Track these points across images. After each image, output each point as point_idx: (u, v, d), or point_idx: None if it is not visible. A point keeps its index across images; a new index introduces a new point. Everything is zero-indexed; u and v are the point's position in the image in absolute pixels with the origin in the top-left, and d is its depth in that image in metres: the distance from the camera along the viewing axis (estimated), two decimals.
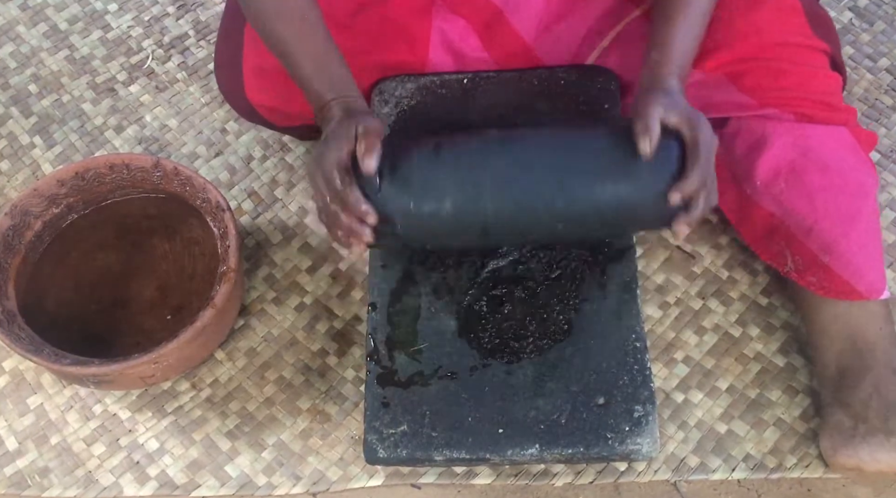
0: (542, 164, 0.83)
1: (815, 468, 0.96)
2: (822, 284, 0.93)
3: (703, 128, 0.80)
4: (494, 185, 0.83)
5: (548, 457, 0.88)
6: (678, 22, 0.87)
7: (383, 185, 0.83)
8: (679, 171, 0.80)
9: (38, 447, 1.02)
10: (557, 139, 0.86)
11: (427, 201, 0.83)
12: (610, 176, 0.82)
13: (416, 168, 0.84)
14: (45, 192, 1.05)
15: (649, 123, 0.79)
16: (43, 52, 1.32)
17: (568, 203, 0.83)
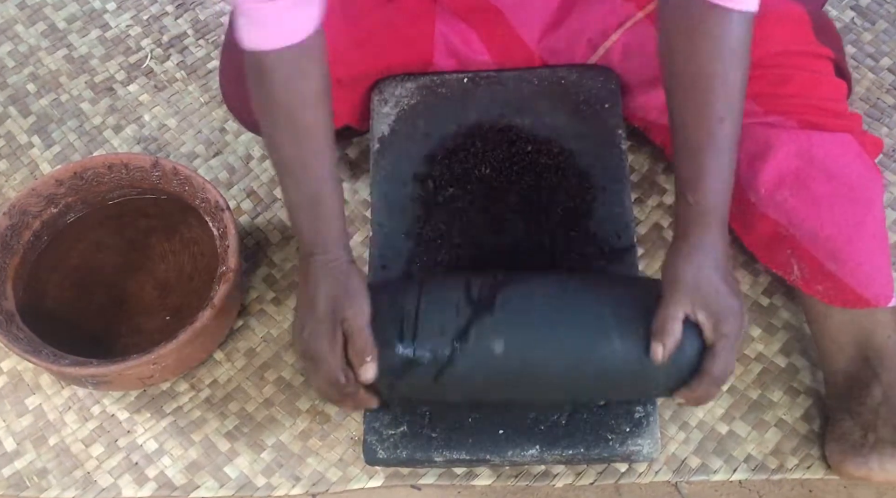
0: (548, 328, 0.80)
1: (816, 469, 0.96)
2: (829, 292, 0.92)
3: (729, 328, 0.76)
4: (493, 348, 0.80)
5: (548, 458, 0.88)
6: (708, 152, 0.78)
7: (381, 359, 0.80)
8: (692, 368, 0.77)
9: (37, 448, 1.02)
10: (570, 298, 0.81)
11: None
12: (622, 352, 0.78)
13: (407, 325, 0.80)
14: (44, 191, 1.05)
15: (667, 327, 0.75)
16: (41, 52, 1.32)
17: (573, 370, 0.80)
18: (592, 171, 0.98)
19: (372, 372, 0.78)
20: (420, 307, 0.81)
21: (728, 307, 0.77)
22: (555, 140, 1.00)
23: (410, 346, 0.80)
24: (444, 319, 0.80)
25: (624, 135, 1.01)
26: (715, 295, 0.77)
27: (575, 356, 0.80)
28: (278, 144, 0.81)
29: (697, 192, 0.78)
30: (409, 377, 0.81)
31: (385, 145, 1.02)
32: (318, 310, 0.79)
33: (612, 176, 0.98)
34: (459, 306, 0.80)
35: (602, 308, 0.80)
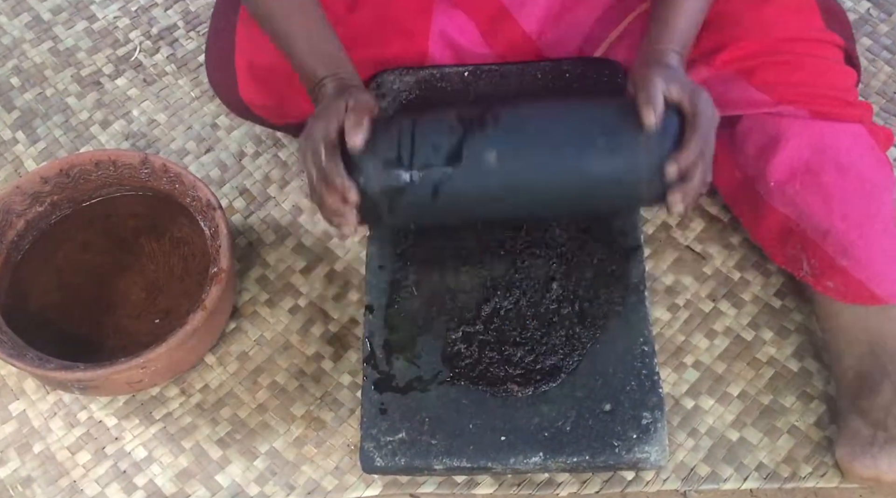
0: (538, 137, 0.85)
1: (830, 478, 0.97)
2: (840, 288, 0.93)
3: (703, 102, 0.82)
4: (487, 160, 0.84)
5: (552, 466, 0.88)
6: (680, 1, 0.88)
7: (368, 163, 0.83)
8: (677, 144, 0.82)
9: (21, 456, 1.02)
10: (554, 111, 0.87)
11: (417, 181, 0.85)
12: (607, 148, 0.84)
13: (404, 145, 0.85)
14: (28, 189, 1.05)
15: (652, 94, 0.80)
16: (25, 44, 1.32)
17: (564, 175, 0.85)
18: None
19: (360, 139, 0.81)
20: (415, 130, 0.85)
21: (700, 89, 0.82)
22: None
23: (408, 165, 0.84)
24: (439, 139, 0.85)
25: None
26: (686, 79, 0.84)
27: (566, 160, 0.84)
28: (272, 8, 0.91)
29: (666, 29, 0.87)
30: (407, 196, 0.85)
31: None
32: (326, 98, 0.87)
33: None
34: (452, 126, 0.85)
35: (587, 114, 0.86)
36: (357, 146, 0.82)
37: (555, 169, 0.85)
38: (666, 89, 0.81)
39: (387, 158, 0.84)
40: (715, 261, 1.09)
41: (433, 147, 0.84)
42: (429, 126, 0.86)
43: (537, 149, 0.85)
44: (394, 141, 0.85)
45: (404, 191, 0.85)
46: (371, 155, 0.84)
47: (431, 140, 0.85)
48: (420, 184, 0.84)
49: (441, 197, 0.85)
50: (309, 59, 0.90)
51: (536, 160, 0.85)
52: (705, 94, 0.83)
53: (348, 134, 0.82)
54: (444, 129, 0.85)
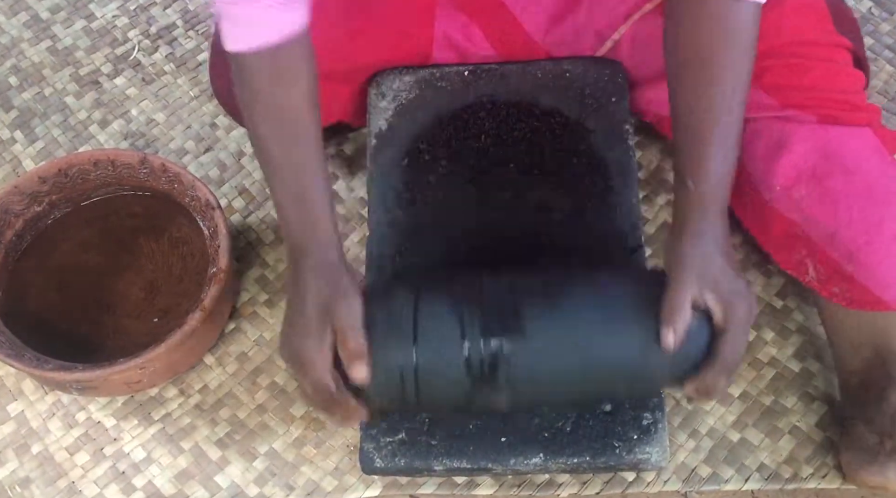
0: (552, 374, 0.79)
1: (832, 479, 0.97)
2: (846, 294, 0.92)
3: (738, 310, 0.76)
4: (497, 406, 0.81)
5: (552, 466, 0.88)
6: (712, 139, 0.78)
7: (371, 389, 0.79)
8: (702, 355, 0.77)
9: (19, 457, 1.02)
10: (570, 313, 0.79)
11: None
12: (627, 360, 0.78)
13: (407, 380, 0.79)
14: (27, 189, 1.05)
15: (675, 315, 0.75)
16: (24, 43, 1.32)
17: (576, 381, 0.80)
18: (598, 168, 0.99)
19: (364, 372, 0.77)
20: (419, 390, 0.79)
21: (737, 290, 0.76)
22: (558, 114, 1.01)
23: (413, 399, 0.80)
24: (446, 397, 0.80)
25: (632, 130, 1.02)
26: (723, 278, 0.76)
27: (582, 382, 0.80)
28: (264, 145, 0.81)
29: (699, 177, 0.78)
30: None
31: (382, 141, 1.03)
32: (307, 310, 0.78)
33: (619, 172, 0.99)
34: (461, 380, 0.78)
35: (605, 326, 0.79)
36: (362, 380, 0.77)
37: (567, 388, 0.81)
38: (698, 295, 0.75)
39: (390, 380, 0.78)
40: None
41: (439, 401, 0.81)
42: (433, 370, 0.78)
43: (552, 390, 0.80)
44: (395, 363, 0.78)
45: (409, 400, 0.80)
46: (373, 379, 0.78)
47: (436, 391, 0.79)
48: (429, 407, 0.83)
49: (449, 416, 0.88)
50: (295, 231, 0.81)
51: (551, 396, 0.82)
52: (744, 297, 0.76)
53: (350, 369, 0.77)
54: (451, 380, 0.78)
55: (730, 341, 0.76)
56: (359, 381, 0.77)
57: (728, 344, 0.76)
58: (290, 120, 0.79)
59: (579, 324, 0.79)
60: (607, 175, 0.98)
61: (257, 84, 0.78)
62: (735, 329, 0.76)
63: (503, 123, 1.01)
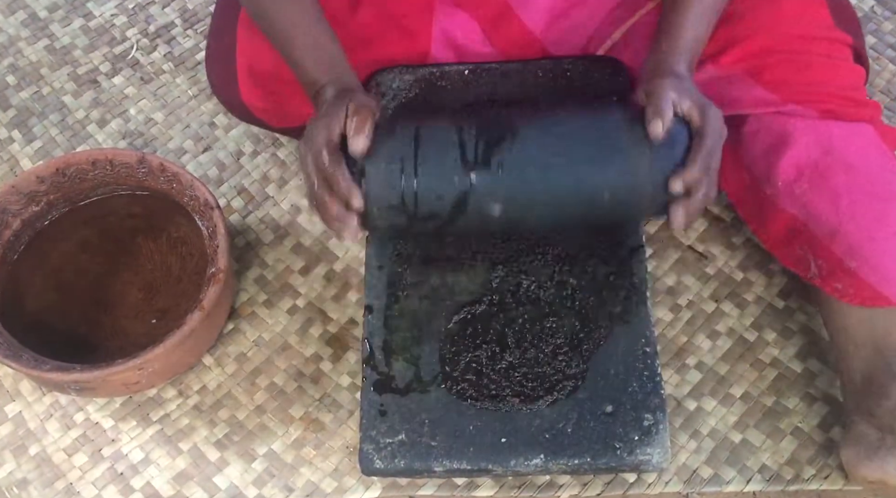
0: (543, 173, 0.85)
1: (834, 480, 0.97)
2: (848, 290, 0.92)
3: (713, 116, 0.83)
4: (492, 211, 0.85)
5: (553, 468, 0.88)
6: (689, 8, 0.89)
7: (370, 168, 0.83)
8: (683, 157, 0.82)
9: (17, 458, 1.02)
10: (559, 130, 0.87)
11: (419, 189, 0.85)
12: (612, 163, 0.84)
13: (407, 158, 0.85)
14: (24, 189, 1.05)
15: (661, 106, 0.81)
16: (21, 42, 1.32)
17: (568, 197, 0.85)
18: None
19: (363, 143, 0.81)
20: (417, 175, 0.84)
21: (709, 103, 0.83)
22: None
23: (413, 207, 0.85)
24: (442, 186, 0.85)
25: None
26: (696, 91, 0.84)
27: (571, 184, 0.85)
28: (272, 13, 0.91)
29: (675, 39, 0.88)
30: (409, 217, 0.86)
31: None
32: (328, 99, 0.86)
33: None
34: (457, 170, 0.84)
35: (592, 130, 0.86)
36: (360, 151, 0.82)
37: (559, 193, 0.85)
38: (676, 101, 0.82)
39: (389, 168, 0.84)
40: (717, 261, 1.09)
41: (437, 197, 0.85)
42: (432, 171, 0.85)
43: (543, 186, 0.85)
44: (396, 151, 0.84)
45: (407, 210, 0.85)
46: (375, 160, 0.83)
47: (435, 188, 0.84)
48: (424, 217, 0.86)
49: (442, 231, 0.90)
50: (310, 66, 0.90)
51: (541, 193, 0.85)
52: (715, 108, 0.83)
53: (351, 138, 0.82)
54: (448, 175, 0.84)
55: (708, 139, 0.82)
56: (356, 150, 0.82)
57: (707, 139, 0.82)
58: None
59: (570, 132, 0.85)
60: None
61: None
62: (712, 131, 0.82)
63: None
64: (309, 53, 0.91)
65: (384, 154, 0.84)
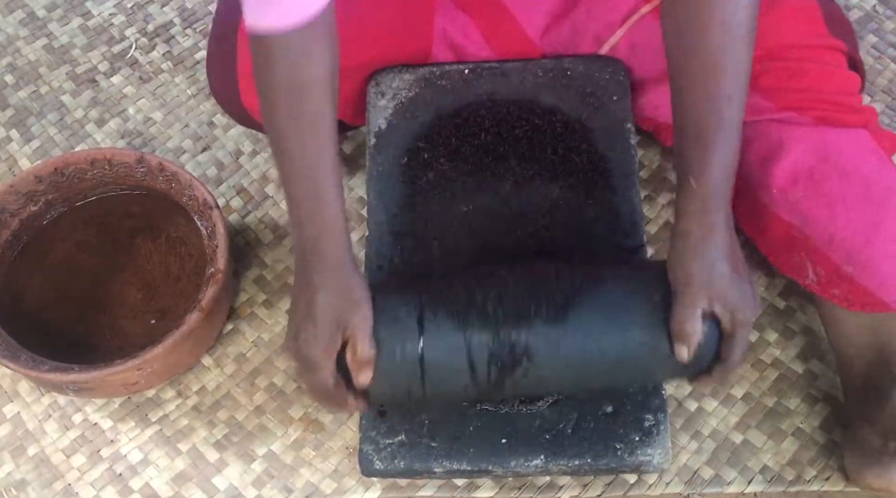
0: (561, 369, 0.81)
1: (835, 481, 0.97)
2: (847, 296, 0.92)
3: (745, 319, 0.78)
4: (505, 392, 0.83)
5: (553, 468, 0.88)
6: (715, 134, 0.78)
7: (375, 391, 0.82)
8: (711, 360, 0.80)
9: (15, 459, 1.02)
10: (578, 335, 0.80)
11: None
12: (635, 375, 0.84)
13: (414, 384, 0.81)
14: (22, 188, 1.05)
15: (687, 328, 0.77)
16: (20, 41, 1.32)
17: (586, 389, 0.87)
18: (599, 167, 0.99)
19: (369, 378, 0.80)
20: (426, 392, 0.81)
21: (742, 296, 0.78)
22: (558, 113, 1.01)
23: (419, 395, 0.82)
24: (453, 394, 0.83)
25: (633, 129, 1.02)
26: (728, 287, 0.78)
27: (593, 380, 0.84)
28: (283, 139, 0.80)
29: (703, 174, 0.78)
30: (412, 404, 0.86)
31: (382, 140, 1.03)
32: (317, 316, 0.79)
33: (621, 172, 0.99)
34: (468, 393, 0.82)
35: (614, 354, 0.80)
36: (365, 384, 0.80)
37: (583, 384, 0.86)
38: (706, 307, 0.77)
39: (396, 391, 0.82)
40: None
41: (447, 400, 0.86)
42: (441, 373, 0.81)
43: (557, 389, 0.87)
44: (401, 373, 0.80)
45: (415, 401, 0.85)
46: (378, 384, 0.80)
47: (445, 391, 0.82)
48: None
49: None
50: (307, 231, 0.81)
51: (556, 391, 0.88)
52: (750, 305, 0.78)
53: (356, 375, 0.79)
54: (459, 390, 0.82)
55: (737, 345, 0.78)
56: (363, 386, 0.80)
57: (736, 347, 0.79)
58: (311, 111, 0.79)
59: (589, 346, 0.80)
60: (608, 174, 0.98)
61: (280, 65, 0.77)
62: (741, 332, 0.78)
63: (503, 122, 1.01)
64: (310, 210, 0.80)
65: (387, 377, 0.80)
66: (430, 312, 0.80)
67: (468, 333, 0.79)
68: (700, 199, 0.78)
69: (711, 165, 0.78)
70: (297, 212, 0.81)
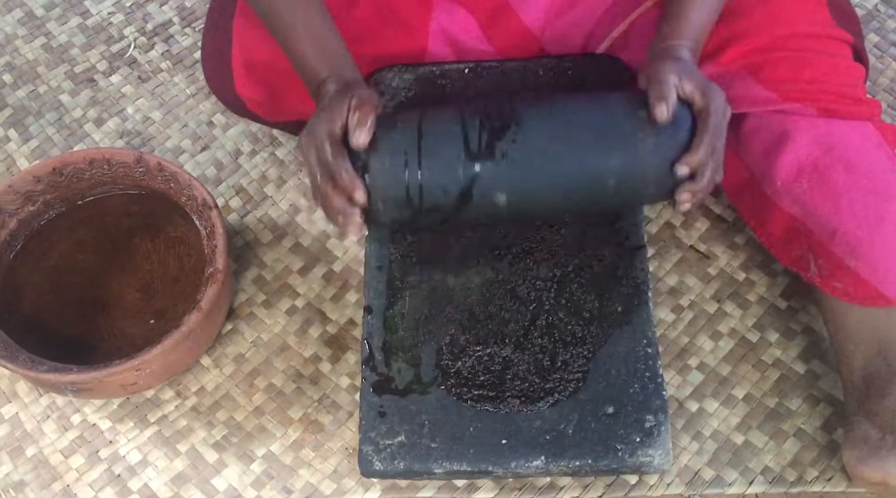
0: (548, 158, 0.85)
1: (837, 482, 0.97)
2: (848, 289, 0.92)
3: (716, 98, 0.83)
4: (497, 201, 0.86)
5: (554, 469, 0.88)
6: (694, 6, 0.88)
7: (374, 162, 0.84)
8: (688, 140, 0.83)
9: (13, 460, 1.02)
10: (562, 110, 0.87)
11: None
12: (618, 145, 0.84)
13: (410, 152, 0.85)
14: (21, 188, 1.05)
15: (665, 89, 0.82)
16: (18, 40, 1.32)
17: (573, 184, 0.86)
18: None
19: (364, 138, 0.82)
20: (421, 167, 0.84)
21: (711, 84, 0.83)
22: None
23: (416, 165, 0.85)
24: (446, 178, 0.85)
25: None
26: (698, 74, 0.85)
27: (575, 170, 0.85)
28: (274, 8, 0.91)
29: (679, 24, 0.88)
30: (414, 211, 0.87)
31: None
32: (330, 93, 0.87)
33: None
34: (461, 161, 0.85)
35: (595, 114, 0.86)
36: (362, 144, 0.83)
37: (564, 180, 0.86)
38: (679, 84, 0.82)
39: (393, 161, 0.84)
40: (720, 261, 1.09)
41: (442, 190, 0.85)
42: (436, 164, 0.85)
43: (547, 174, 0.85)
44: (400, 144, 0.85)
45: (412, 203, 0.86)
46: (377, 154, 0.84)
47: (439, 182, 0.85)
48: (429, 209, 0.86)
49: (449, 223, 0.90)
50: (312, 59, 0.90)
51: (546, 181, 0.86)
52: (718, 89, 0.84)
53: (353, 132, 0.82)
54: (453, 167, 0.85)
55: (712, 120, 0.82)
56: (358, 144, 0.83)
57: (711, 120, 0.82)
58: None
59: (573, 119, 0.85)
60: None
61: None
62: (715, 110, 0.82)
63: None
64: (311, 47, 0.90)
65: (387, 148, 0.84)
66: (430, 112, 0.87)
67: (462, 105, 0.87)
68: (673, 38, 0.88)
69: (689, 13, 0.88)
70: (302, 56, 0.91)
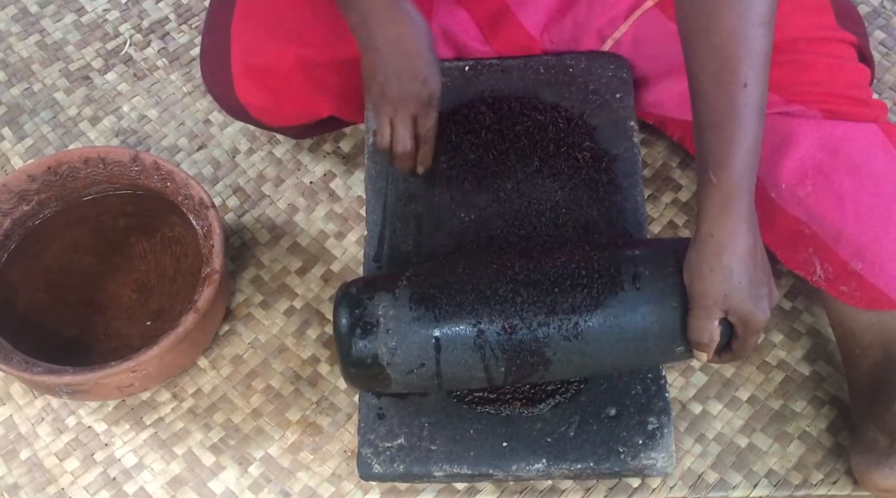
0: (575, 372, 0.87)
1: (843, 485, 0.97)
2: (854, 293, 0.92)
3: (757, 321, 0.79)
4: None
5: (555, 472, 0.88)
6: (734, 130, 0.76)
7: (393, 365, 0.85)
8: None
9: (7, 463, 1.02)
10: (593, 355, 0.84)
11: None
12: (648, 361, 0.88)
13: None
14: (15, 187, 1.05)
15: (705, 337, 0.80)
16: (12, 37, 1.32)
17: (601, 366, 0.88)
18: (603, 166, 0.99)
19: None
20: (441, 378, 0.85)
21: (756, 305, 0.79)
22: (560, 110, 1.01)
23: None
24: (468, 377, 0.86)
25: (636, 127, 1.02)
26: (744, 299, 0.79)
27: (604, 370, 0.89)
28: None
29: (722, 168, 0.76)
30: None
31: None
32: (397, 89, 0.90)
33: (624, 171, 0.99)
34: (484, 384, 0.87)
35: (630, 356, 0.84)
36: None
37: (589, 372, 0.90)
38: (722, 315, 0.80)
39: (412, 367, 0.85)
40: None
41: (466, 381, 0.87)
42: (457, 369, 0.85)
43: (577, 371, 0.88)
44: (417, 358, 0.84)
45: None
46: (395, 354, 0.84)
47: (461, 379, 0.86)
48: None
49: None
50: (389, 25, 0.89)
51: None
52: (762, 309, 0.79)
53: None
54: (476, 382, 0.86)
55: (746, 345, 0.82)
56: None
57: (745, 347, 0.82)
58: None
59: (605, 361, 0.85)
60: (612, 173, 0.99)
61: None
62: (752, 337, 0.82)
63: (504, 119, 1.01)
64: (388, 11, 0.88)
65: (404, 360, 0.85)
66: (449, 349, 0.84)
67: (482, 347, 0.83)
68: (720, 195, 0.77)
69: (731, 158, 0.76)
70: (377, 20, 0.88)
